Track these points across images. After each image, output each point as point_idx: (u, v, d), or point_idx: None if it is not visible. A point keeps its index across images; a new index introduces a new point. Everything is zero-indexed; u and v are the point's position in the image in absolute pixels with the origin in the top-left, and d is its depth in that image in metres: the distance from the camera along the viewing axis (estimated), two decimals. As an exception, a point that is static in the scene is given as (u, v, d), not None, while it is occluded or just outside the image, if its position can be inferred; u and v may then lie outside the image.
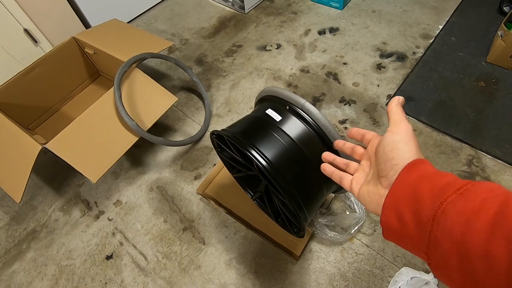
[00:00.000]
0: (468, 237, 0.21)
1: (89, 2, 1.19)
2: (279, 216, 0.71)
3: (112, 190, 0.87)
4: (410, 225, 0.25)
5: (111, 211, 0.84)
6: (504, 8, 1.12)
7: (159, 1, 1.43)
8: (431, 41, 1.12)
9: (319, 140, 0.55)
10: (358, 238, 0.73)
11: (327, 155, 0.40)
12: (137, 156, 0.93)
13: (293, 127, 0.56)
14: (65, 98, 1.07)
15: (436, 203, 0.24)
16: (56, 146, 0.74)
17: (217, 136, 0.64)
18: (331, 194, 0.80)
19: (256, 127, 0.58)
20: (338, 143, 0.41)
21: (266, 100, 0.64)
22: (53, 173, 0.92)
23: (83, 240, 0.80)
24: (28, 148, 0.74)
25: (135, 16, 1.38)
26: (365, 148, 0.37)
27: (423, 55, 1.07)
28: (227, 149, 0.65)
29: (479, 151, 0.84)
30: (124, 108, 0.77)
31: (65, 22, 1.16)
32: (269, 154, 0.53)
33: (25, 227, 0.83)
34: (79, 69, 1.07)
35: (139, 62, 0.88)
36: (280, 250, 0.73)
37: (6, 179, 0.77)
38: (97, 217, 0.83)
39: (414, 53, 1.09)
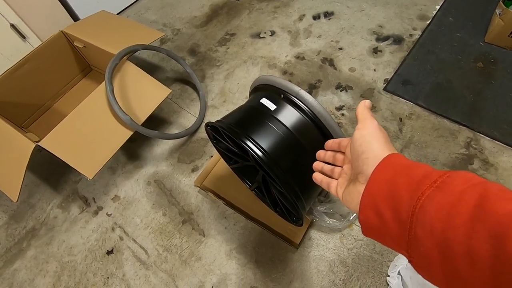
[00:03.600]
0: (449, 234, 0.21)
1: (76, -6, 1.16)
2: (278, 206, 0.70)
3: (110, 185, 0.87)
4: (390, 222, 0.25)
5: (110, 206, 0.83)
6: (503, -15, 1.09)
7: (148, -10, 1.39)
8: (428, 22, 1.09)
9: (315, 128, 0.54)
10: (357, 224, 0.73)
11: (316, 165, 0.41)
12: (133, 150, 0.92)
13: (288, 116, 0.55)
14: (57, 94, 1.05)
15: (414, 198, 0.23)
16: (50, 143, 0.73)
17: (212, 128, 0.63)
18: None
19: (250, 117, 0.57)
20: (320, 154, 0.41)
21: (261, 89, 0.63)
22: (49, 171, 0.91)
23: (83, 236, 0.80)
24: (21, 147, 0.73)
25: (125, 7, 1.34)
26: (344, 153, 0.37)
27: (420, 37, 1.05)
28: (222, 141, 0.64)
29: (477, 133, 0.83)
30: (117, 102, 0.76)
31: (53, 15, 1.13)
32: (264, 144, 0.52)
33: (24, 225, 0.83)
34: (70, 64, 1.05)
35: (130, 54, 0.86)
36: (280, 239, 0.73)
37: (2, 179, 0.76)
38: (95, 213, 0.83)
39: (411, 35, 1.07)
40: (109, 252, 0.76)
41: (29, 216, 0.84)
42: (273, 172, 0.50)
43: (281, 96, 0.57)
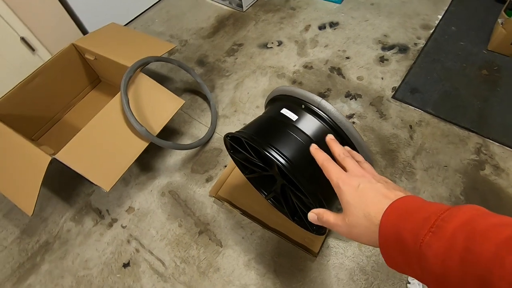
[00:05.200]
0: (447, 279, 0.21)
1: (85, 7, 1.17)
2: (295, 215, 0.71)
3: (123, 197, 0.86)
4: (407, 267, 0.26)
5: (124, 218, 0.83)
6: (502, -5, 1.13)
7: (154, 2, 1.41)
8: (431, 31, 1.12)
9: (337, 137, 0.55)
10: (374, 231, 0.74)
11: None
12: (146, 162, 0.92)
13: (310, 126, 0.56)
14: (66, 106, 1.05)
15: (417, 245, 0.24)
16: (66, 156, 0.73)
17: (231, 138, 0.63)
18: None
19: (272, 127, 0.58)
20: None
21: (279, 100, 0.64)
22: (61, 184, 0.91)
23: (98, 249, 0.79)
24: (37, 159, 0.73)
25: (131, 19, 1.36)
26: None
27: (424, 46, 1.08)
28: (242, 151, 0.65)
29: (487, 139, 0.85)
30: (133, 114, 0.76)
31: (62, 28, 1.13)
32: (288, 152, 0.53)
33: (37, 240, 0.82)
34: (80, 76, 1.05)
35: (143, 66, 0.87)
36: (298, 248, 0.73)
37: (16, 193, 0.76)
38: (110, 225, 0.82)
39: (415, 44, 1.09)
40: (125, 265, 0.76)
41: (42, 230, 0.83)
42: (297, 180, 0.51)
43: (301, 107, 0.58)
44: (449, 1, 1.21)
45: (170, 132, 0.97)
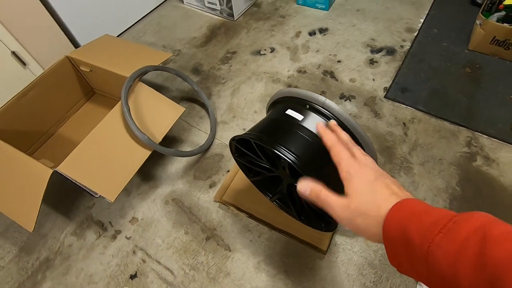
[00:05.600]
0: (457, 281, 0.21)
1: (76, 20, 1.17)
2: (302, 214, 0.72)
3: (126, 207, 0.85)
4: (411, 268, 0.27)
5: (128, 229, 0.82)
6: (477, 0, 1.21)
7: (144, 14, 1.42)
8: (415, 34, 1.18)
9: (343, 134, 0.57)
10: (379, 226, 0.76)
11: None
12: (146, 171, 0.91)
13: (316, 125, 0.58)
14: (61, 120, 1.03)
15: (424, 245, 0.24)
16: (68, 168, 0.72)
17: (237, 141, 0.64)
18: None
19: (279, 127, 0.60)
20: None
21: (282, 102, 0.66)
22: (59, 198, 0.89)
23: (102, 262, 0.77)
24: (37, 173, 0.71)
25: (122, 31, 1.36)
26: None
27: (410, 47, 1.13)
28: (249, 153, 0.66)
29: (476, 132, 0.90)
30: (135, 123, 0.76)
31: (54, 41, 1.12)
32: (296, 150, 0.54)
33: (37, 257, 0.79)
34: (74, 88, 1.04)
35: (142, 75, 0.87)
36: (307, 247, 0.74)
37: (15, 209, 0.73)
38: (113, 237, 0.81)
39: (402, 46, 1.15)
40: (132, 277, 0.74)
41: (42, 247, 0.81)
42: (309, 175, 0.52)
43: (306, 107, 0.59)
44: (429, 6, 1.28)
45: (170, 140, 0.97)
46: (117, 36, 1.36)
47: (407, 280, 0.68)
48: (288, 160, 0.52)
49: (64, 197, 0.88)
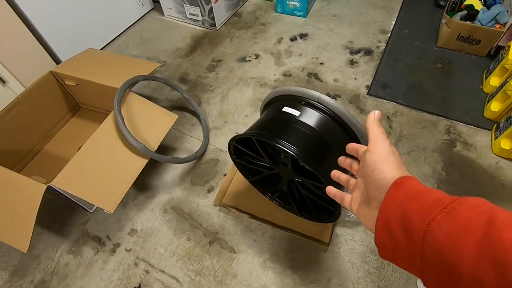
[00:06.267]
0: (457, 260, 0.21)
1: (57, 35, 1.15)
2: (303, 209, 0.74)
3: (123, 220, 0.83)
4: (403, 245, 0.25)
5: (127, 241, 0.80)
6: (440, 2, 1.32)
7: (125, 28, 1.42)
8: (388, 35, 1.27)
9: (338, 126, 0.60)
10: (376, 214, 0.79)
11: (334, 173, 0.41)
12: (142, 181, 0.90)
13: (313, 118, 0.60)
14: (46, 136, 1.00)
15: (424, 223, 0.23)
16: (63, 182, 0.70)
17: (237, 141, 0.66)
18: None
19: (278, 123, 0.62)
20: (341, 160, 0.42)
21: (276, 101, 0.68)
22: (50, 217, 0.85)
23: (103, 278, 0.74)
24: (29, 190, 0.69)
25: (104, 45, 1.35)
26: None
27: (385, 47, 1.21)
28: (249, 152, 0.67)
29: (453, 120, 0.97)
30: (130, 132, 0.76)
31: (34, 58, 1.10)
32: (298, 142, 0.56)
33: (31, 280, 0.75)
34: (59, 103, 1.02)
35: (133, 85, 0.87)
36: (310, 241, 0.75)
37: (6, 230, 0.70)
38: (113, 251, 0.78)
39: (378, 47, 1.23)
40: (136, 289, 0.72)
41: (35, 269, 0.77)
42: (310, 165, 0.54)
43: (302, 103, 0.62)
44: (398, 9, 1.38)
45: (163, 149, 0.97)
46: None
47: (408, 262, 0.72)
48: (291, 153, 0.54)
49: (56, 215, 0.85)
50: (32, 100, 0.91)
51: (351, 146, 0.38)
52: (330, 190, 0.40)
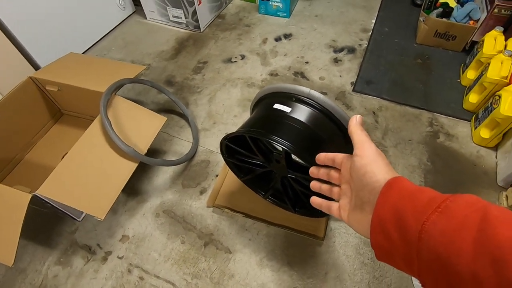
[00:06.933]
0: (454, 258, 0.21)
1: (35, 40, 1.11)
2: (296, 205, 0.75)
3: (114, 227, 0.81)
4: (399, 246, 0.25)
5: (119, 248, 0.77)
6: (417, 1, 1.37)
7: (107, 32, 1.39)
8: (370, 33, 1.30)
9: (329, 121, 0.61)
10: (367, 207, 0.81)
11: (314, 184, 0.40)
12: (132, 186, 0.88)
13: (303, 114, 0.61)
14: (28, 145, 0.96)
15: (419, 223, 0.23)
16: (49, 190, 0.67)
17: (229, 139, 0.66)
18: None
19: (270, 120, 0.62)
20: (313, 171, 0.41)
21: (267, 98, 0.69)
22: (36, 228, 0.82)
23: (95, 287, 0.72)
24: (13, 200, 0.66)
25: (86, 49, 1.32)
26: (339, 170, 0.37)
27: (368, 45, 1.25)
28: (241, 150, 0.67)
29: (435, 113, 1.01)
30: (118, 136, 0.74)
31: (11, 64, 1.05)
32: (291, 138, 0.57)
33: (17, 295, 0.72)
34: (39, 110, 0.98)
35: (119, 88, 0.85)
36: (305, 237, 0.76)
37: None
38: (104, 259, 0.76)
39: (360, 45, 1.26)
40: (131, 296, 0.70)
41: (21, 283, 0.73)
42: (304, 158, 0.55)
43: (292, 99, 0.63)
44: (377, 9, 1.42)
45: (152, 152, 0.95)
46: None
47: (400, 251, 0.73)
48: (285, 148, 0.54)
49: (42, 225, 0.82)
50: (11, 108, 0.88)
51: (324, 156, 0.38)
52: (315, 200, 0.39)
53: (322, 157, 0.38)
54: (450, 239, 0.21)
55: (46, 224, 0.82)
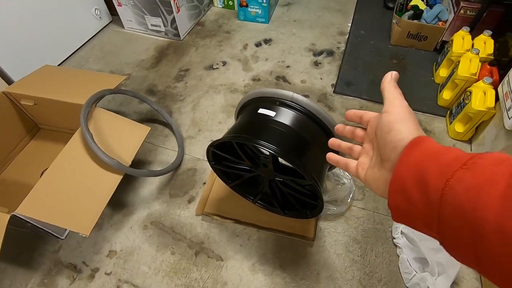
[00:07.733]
0: (479, 213, 0.20)
1: (6, 54, 1.07)
2: (285, 208, 0.75)
3: (100, 242, 0.78)
4: (419, 205, 0.24)
5: (107, 264, 0.75)
6: (389, 4, 1.43)
7: (83, 42, 1.36)
8: (347, 36, 1.35)
9: (313, 123, 0.63)
10: (354, 205, 0.83)
11: (333, 141, 0.39)
12: (117, 199, 0.85)
13: (288, 117, 0.62)
14: (3, 162, 0.92)
15: (442, 180, 0.23)
16: (29, 209, 0.64)
17: (216, 146, 0.66)
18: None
19: (255, 125, 0.63)
20: (339, 128, 0.39)
21: (251, 104, 0.70)
22: (15, 250, 0.78)
23: (83, 307, 0.69)
24: (-10, 222, 0.63)
25: (62, 61, 1.28)
26: (365, 129, 0.36)
27: (345, 48, 1.28)
28: (228, 156, 0.67)
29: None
30: (100, 148, 0.72)
31: (-19, 79, 1.01)
32: (277, 142, 0.57)
33: (-2, 322, 0.68)
34: (14, 126, 0.94)
35: (99, 100, 0.84)
36: (296, 239, 0.77)
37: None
38: (91, 276, 0.73)
39: (338, 48, 1.30)
40: (122, 313, 0.68)
41: (2, 309, 0.70)
42: (292, 161, 0.55)
43: (276, 103, 0.64)
44: (352, 12, 1.47)
45: (137, 163, 0.93)
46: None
47: (388, 245, 0.76)
48: (271, 152, 0.55)
49: (22, 246, 0.78)
50: (-17, 125, 0.84)
51: (353, 112, 0.37)
52: (332, 157, 0.37)
53: (351, 113, 0.37)
54: (476, 195, 0.21)
55: (27, 244, 0.78)
